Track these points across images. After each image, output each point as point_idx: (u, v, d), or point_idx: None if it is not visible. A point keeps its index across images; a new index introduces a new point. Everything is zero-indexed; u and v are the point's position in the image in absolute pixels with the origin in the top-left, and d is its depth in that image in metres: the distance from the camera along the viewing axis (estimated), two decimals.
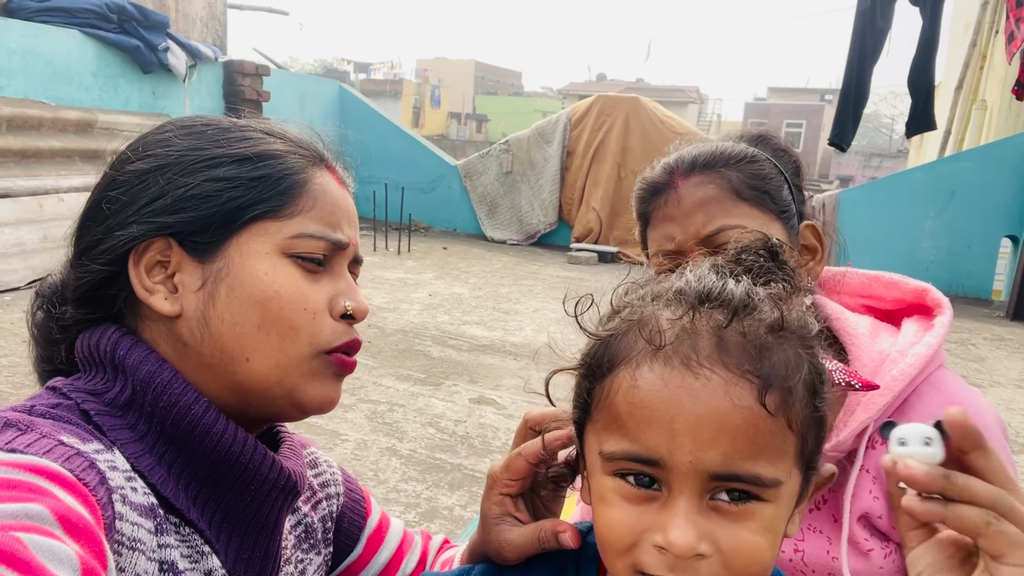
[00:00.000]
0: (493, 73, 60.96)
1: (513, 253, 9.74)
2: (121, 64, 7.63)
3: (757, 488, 0.56)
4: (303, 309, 0.73)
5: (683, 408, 0.56)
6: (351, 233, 0.79)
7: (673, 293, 0.62)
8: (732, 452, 0.55)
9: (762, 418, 0.55)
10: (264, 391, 0.72)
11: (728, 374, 0.56)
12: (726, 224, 0.97)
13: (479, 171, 10.67)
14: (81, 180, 6.89)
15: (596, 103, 10.12)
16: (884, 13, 5.04)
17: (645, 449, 0.57)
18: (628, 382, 0.59)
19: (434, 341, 5.48)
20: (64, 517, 0.48)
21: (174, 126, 0.78)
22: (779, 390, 0.56)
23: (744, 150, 1.02)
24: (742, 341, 0.57)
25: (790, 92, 51.81)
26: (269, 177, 0.74)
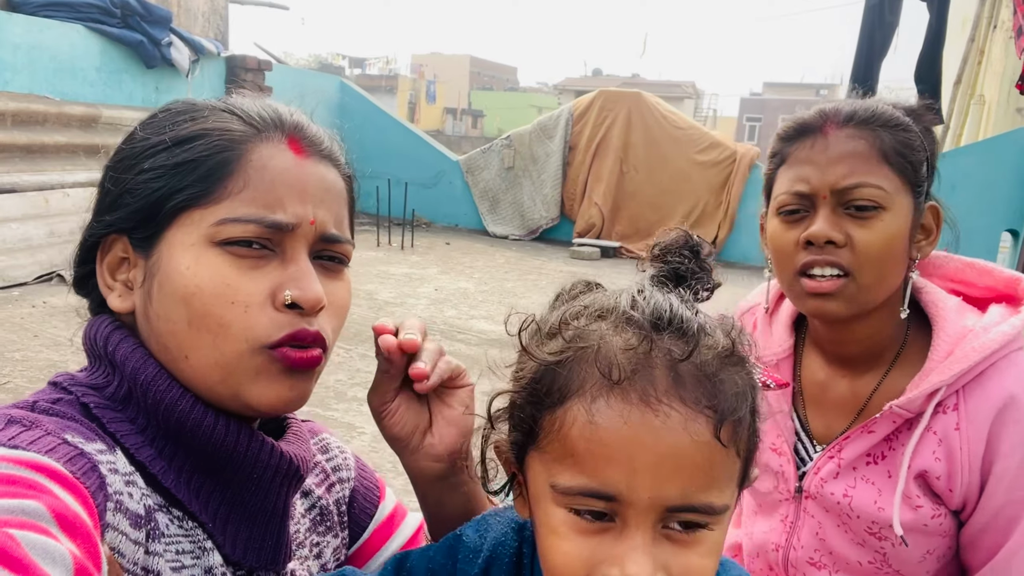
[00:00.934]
0: (488, 68, 60.87)
1: (516, 248, 9.76)
2: (124, 59, 7.61)
3: (708, 517, 0.58)
4: (230, 303, 0.66)
5: (644, 446, 0.55)
6: (302, 210, 0.69)
7: (623, 317, 0.60)
8: (690, 486, 0.56)
9: (717, 451, 0.57)
10: (209, 390, 0.69)
11: (686, 409, 0.56)
12: (866, 181, 0.98)
13: (481, 166, 10.68)
14: (86, 175, 6.88)
15: (598, 98, 10.14)
16: (892, 8, 5.08)
17: (603, 485, 0.56)
18: (584, 417, 0.58)
19: (443, 335, 5.50)
20: (61, 515, 0.48)
21: (147, 116, 0.75)
22: (731, 422, 0.58)
23: (900, 117, 1.03)
24: (697, 374, 0.57)
25: (786, 87, 51.91)
26: (190, 161, 0.68)
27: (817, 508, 1.10)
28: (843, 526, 1.07)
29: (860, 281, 0.99)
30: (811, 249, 1.01)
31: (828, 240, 0.99)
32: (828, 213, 1.00)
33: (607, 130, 9.96)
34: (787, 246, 1.04)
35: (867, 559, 1.05)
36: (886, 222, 0.98)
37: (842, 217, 1.00)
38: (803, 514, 1.12)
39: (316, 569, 0.84)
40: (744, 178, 9.57)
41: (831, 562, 1.09)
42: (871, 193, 0.98)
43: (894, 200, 0.99)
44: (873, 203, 0.98)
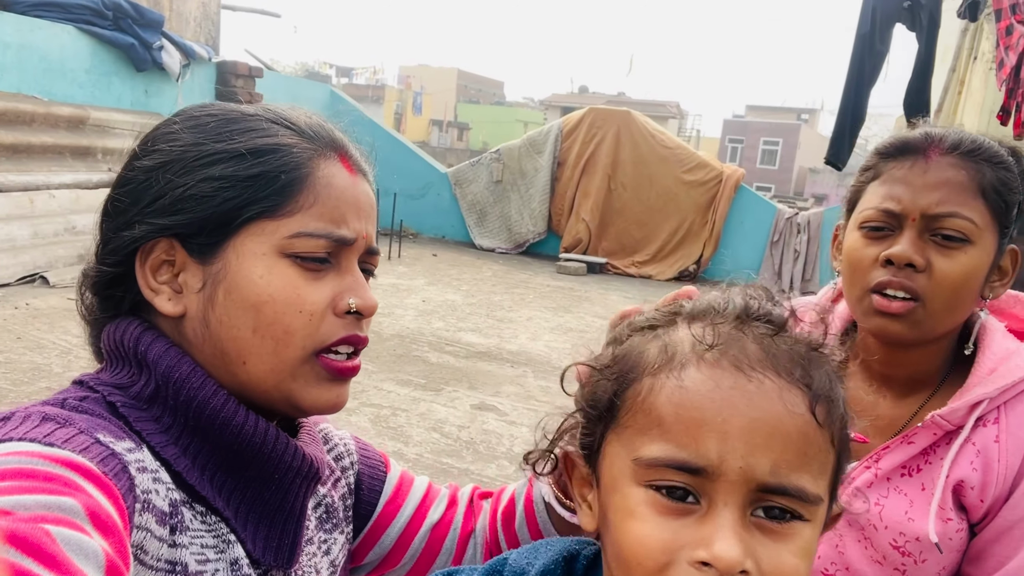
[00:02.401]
0: (475, 82, 61.11)
1: (503, 261, 9.79)
2: (115, 61, 7.56)
3: (800, 504, 0.53)
4: (298, 312, 0.70)
5: (737, 410, 0.53)
6: (359, 226, 0.74)
7: (706, 310, 0.60)
8: (782, 461, 0.52)
9: (812, 428, 0.54)
10: (263, 394, 0.72)
11: (780, 380, 0.54)
12: (959, 212, 0.97)
13: (469, 179, 10.71)
14: (72, 176, 6.81)
15: (588, 115, 10.22)
16: (883, 37, 5.19)
17: (694, 454, 0.53)
18: (674, 382, 0.55)
19: (431, 347, 5.49)
20: (94, 513, 0.49)
21: (182, 117, 0.75)
22: (826, 402, 0.55)
23: (1004, 155, 1.01)
24: (789, 351, 0.56)
25: (767, 111, 52.61)
26: (266, 175, 0.70)
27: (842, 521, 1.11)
28: (865, 541, 1.07)
29: (929, 308, 0.98)
30: (889, 268, 0.99)
31: (909, 263, 0.97)
32: (914, 236, 0.98)
33: (596, 147, 10.04)
34: (864, 261, 1.02)
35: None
36: (969, 255, 0.98)
37: (927, 243, 0.99)
38: None
39: (326, 566, 0.85)
40: (730, 199, 9.68)
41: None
42: (961, 224, 0.97)
43: (982, 235, 0.98)
44: (961, 234, 0.97)
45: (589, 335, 0.73)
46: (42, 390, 3.88)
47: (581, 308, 7.50)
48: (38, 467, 0.50)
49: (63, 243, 6.40)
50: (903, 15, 5.28)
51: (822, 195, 37.57)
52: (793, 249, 9.35)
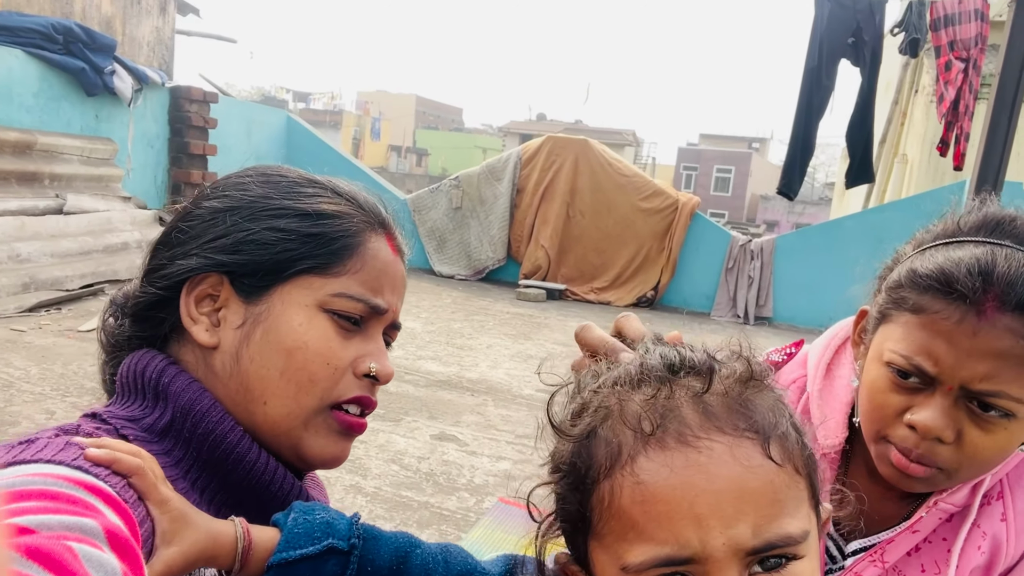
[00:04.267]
0: (434, 108, 61.39)
1: (462, 288, 9.77)
2: (64, 85, 7.40)
3: (790, 549, 0.53)
4: (326, 363, 0.75)
5: (699, 488, 0.52)
6: (393, 300, 0.81)
7: (637, 373, 0.59)
8: (760, 519, 0.52)
9: (774, 472, 0.53)
10: (274, 438, 0.75)
11: (727, 437, 0.53)
12: (1007, 393, 0.79)
13: (428, 206, 10.70)
14: (17, 203, 6.61)
15: (546, 143, 10.33)
16: (829, 72, 5.39)
17: (676, 547, 0.52)
18: (630, 480, 0.54)
19: None
20: (113, 534, 0.50)
21: (256, 172, 0.83)
22: (778, 437, 0.55)
23: None
24: (724, 401, 0.55)
25: (720, 139, 53.93)
26: (324, 235, 0.77)
27: None
28: None
29: (954, 477, 0.87)
30: (911, 432, 0.85)
31: (939, 437, 0.83)
32: (948, 405, 0.82)
33: (555, 174, 10.14)
34: (886, 408, 0.87)
35: None
36: (1010, 431, 0.82)
37: (961, 411, 0.82)
38: None
39: None
40: (685, 226, 9.85)
41: None
42: (1007, 405, 0.80)
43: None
44: (1005, 412, 0.81)
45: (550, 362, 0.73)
46: None
47: (541, 335, 7.51)
48: (62, 489, 0.52)
49: (6, 271, 6.18)
50: (847, 51, 5.49)
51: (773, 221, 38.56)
52: (747, 275, 9.53)
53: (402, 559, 0.71)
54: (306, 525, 0.68)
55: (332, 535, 0.68)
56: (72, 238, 6.93)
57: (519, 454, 4.22)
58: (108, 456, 0.60)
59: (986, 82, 6.52)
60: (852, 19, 5.26)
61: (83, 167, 7.50)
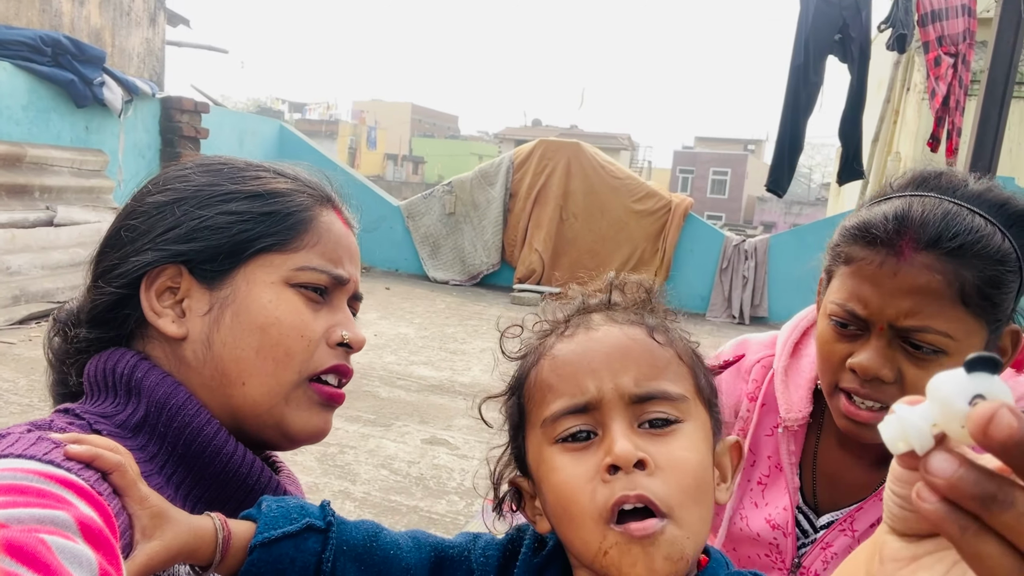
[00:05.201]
0: (430, 116, 61.48)
1: (456, 294, 9.75)
2: (53, 98, 7.39)
3: (670, 404, 0.66)
4: (300, 336, 0.76)
5: (595, 352, 0.67)
6: (352, 270, 0.83)
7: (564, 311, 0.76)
8: (640, 375, 0.66)
9: (655, 346, 0.68)
10: (256, 417, 0.76)
11: (619, 325, 0.70)
12: (932, 327, 0.84)
13: (422, 212, 10.69)
14: (7, 215, 6.59)
15: (538, 147, 10.33)
16: (816, 69, 5.38)
17: (579, 395, 0.66)
18: (548, 359, 0.70)
19: (382, 381, 5.40)
20: (86, 526, 0.50)
21: (194, 163, 0.83)
22: (662, 329, 0.70)
23: (998, 247, 0.85)
24: (625, 312, 0.72)
25: (716, 142, 54.01)
26: (278, 213, 0.78)
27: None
28: None
29: None
30: (856, 376, 0.90)
31: (879, 377, 0.88)
32: (882, 346, 0.87)
33: (547, 178, 10.14)
34: (833, 357, 0.93)
35: None
36: (946, 366, 0.80)
37: (897, 351, 0.88)
38: None
39: None
40: (679, 227, 9.84)
41: None
42: (935, 340, 0.85)
43: (960, 345, 0.85)
44: (935, 347, 0.85)
45: None
46: None
47: None
48: (33, 484, 0.52)
49: None
50: (835, 47, 5.48)
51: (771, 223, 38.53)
52: (742, 275, 9.51)
53: (372, 537, 0.74)
54: (281, 509, 0.71)
55: (308, 515, 0.72)
56: (63, 250, 6.91)
57: None
58: (89, 452, 0.60)
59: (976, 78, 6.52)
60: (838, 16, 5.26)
61: (74, 179, 7.48)
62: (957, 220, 0.85)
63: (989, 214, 0.87)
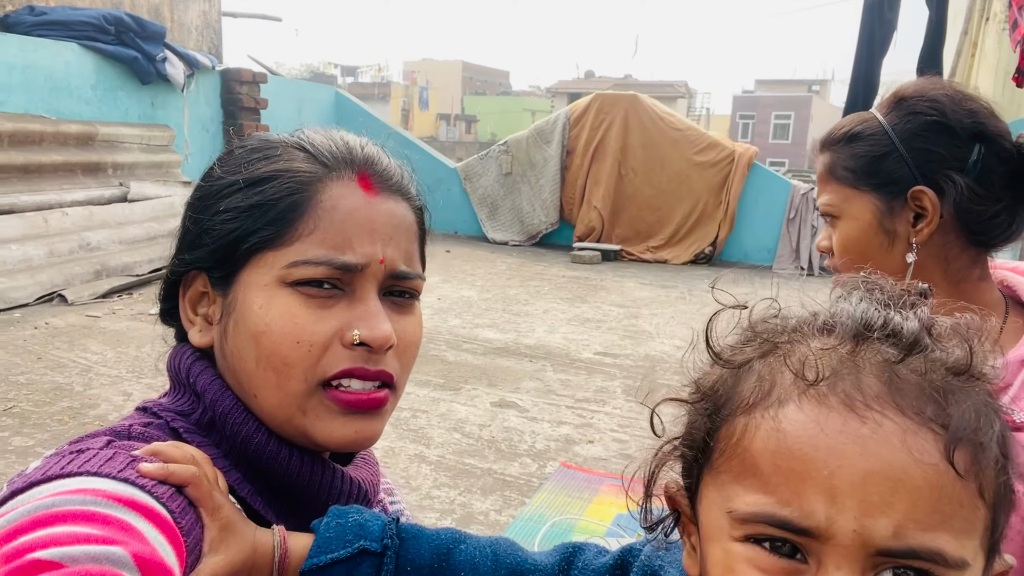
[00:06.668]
0: (481, 73, 60.94)
1: (516, 254, 9.75)
2: (119, 76, 7.59)
3: (938, 569, 0.44)
4: (295, 342, 0.67)
5: (847, 460, 0.44)
6: (372, 250, 0.70)
7: (825, 321, 0.51)
8: (909, 521, 0.43)
9: (949, 480, 0.44)
10: (280, 427, 0.70)
11: (905, 420, 0.44)
12: (822, 201, 1.16)
13: (478, 173, 10.67)
14: (84, 193, 6.86)
15: (595, 101, 10.13)
16: (892, 5, 5.07)
17: (797, 513, 0.45)
18: (770, 424, 0.47)
19: (448, 345, 5.47)
20: (145, 561, 0.50)
21: (225, 151, 0.77)
22: (970, 445, 0.45)
23: (849, 130, 1.13)
24: (919, 381, 0.46)
25: (778, 84, 52.00)
26: (263, 204, 0.69)
27: None
28: None
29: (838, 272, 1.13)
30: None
31: (822, 249, 1.19)
32: (826, 226, 1.18)
33: (604, 133, 9.96)
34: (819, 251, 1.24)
35: None
36: (839, 227, 1.14)
37: (829, 227, 1.18)
38: None
39: None
40: (743, 177, 9.56)
41: None
42: (824, 208, 1.15)
43: (843, 208, 1.12)
44: (828, 214, 1.15)
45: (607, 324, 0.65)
46: (64, 409, 3.91)
47: (597, 297, 7.45)
48: (99, 509, 0.52)
49: (78, 260, 6.44)
50: None
51: None
52: (811, 225, 9.22)
53: (444, 556, 0.68)
54: (338, 529, 0.66)
55: (364, 537, 0.66)
56: (138, 224, 7.16)
57: (579, 418, 4.21)
58: (161, 472, 0.59)
59: None
60: None
61: (143, 155, 7.71)
62: (837, 126, 1.16)
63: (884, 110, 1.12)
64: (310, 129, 0.77)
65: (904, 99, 1.09)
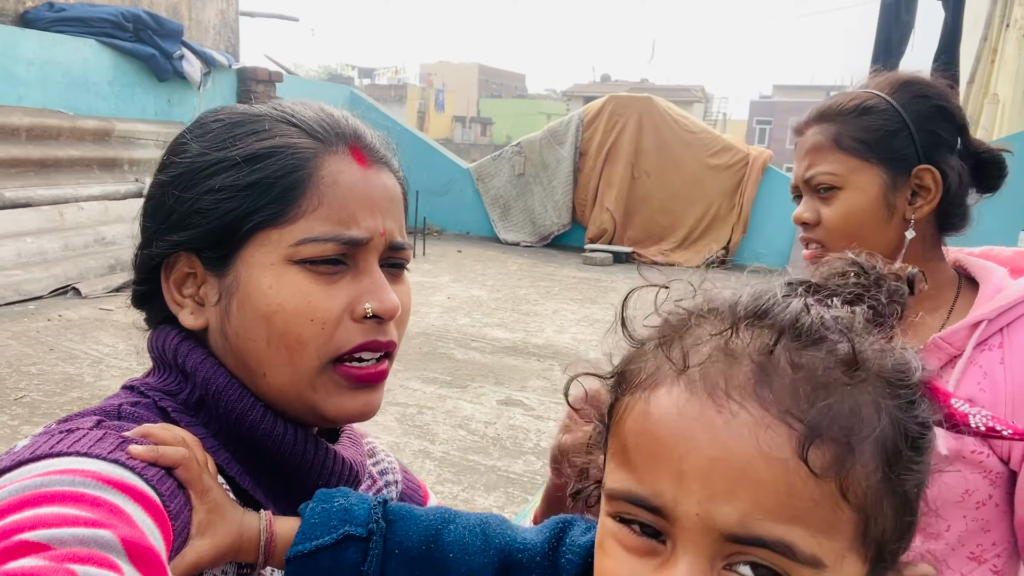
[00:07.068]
0: (497, 76, 61.03)
1: (528, 255, 9.74)
2: (137, 72, 7.67)
3: (787, 562, 0.43)
4: (310, 320, 0.67)
5: (696, 446, 0.44)
6: (374, 223, 0.70)
7: (723, 304, 0.50)
8: (755, 511, 0.43)
9: (801, 476, 0.43)
10: (288, 405, 0.70)
11: (761, 412, 0.44)
12: (820, 170, 1.14)
13: (491, 174, 10.68)
14: (100, 188, 6.93)
15: (608, 103, 10.11)
16: (908, 7, 5.04)
17: (650, 492, 0.46)
18: (642, 406, 0.48)
19: (457, 343, 5.48)
20: (133, 544, 0.49)
21: (194, 125, 0.74)
22: (833, 444, 0.43)
23: (860, 103, 1.13)
24: (793, 375, 0.45)
25: (795, 89, 51.69)
26: (263, 181, 0.68)
27: None
28: None
29: (832, 249, 1.11)
30: (801, 227, 1.19)
31: (803, 221, 1.17)
32: (807, 199, 1.17)
33: (618, 135, 9.94)
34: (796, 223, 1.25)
35: None
36: (841, 199, 1.13)
37: (814, 199, 1.16)
38: None
39: None
40: (757, 181, 9.51)
41: None
42: (824, 178, 1.14)
43: (848, 179, 1.12)
44: (828, 185, 1.14)
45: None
46: (74, 400, 3.95)
47: (607, 299, 7.43)
48: (88, 491, 0.51)
49: (93, 254, 6.51)
50: None
51: None
52: None
53: (433, 537, 0.67)
54: (323, 514, 0.66)
55: (349, 522, 0.66)
56: None
57: None
58: (151, 454, 0.59)
59: None
60: None
61: (159, 151, 7.74)
62: (829, 100, 1.16)
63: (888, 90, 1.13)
64: (287, 101, 0.75)
65: (908, 82, 1.14)
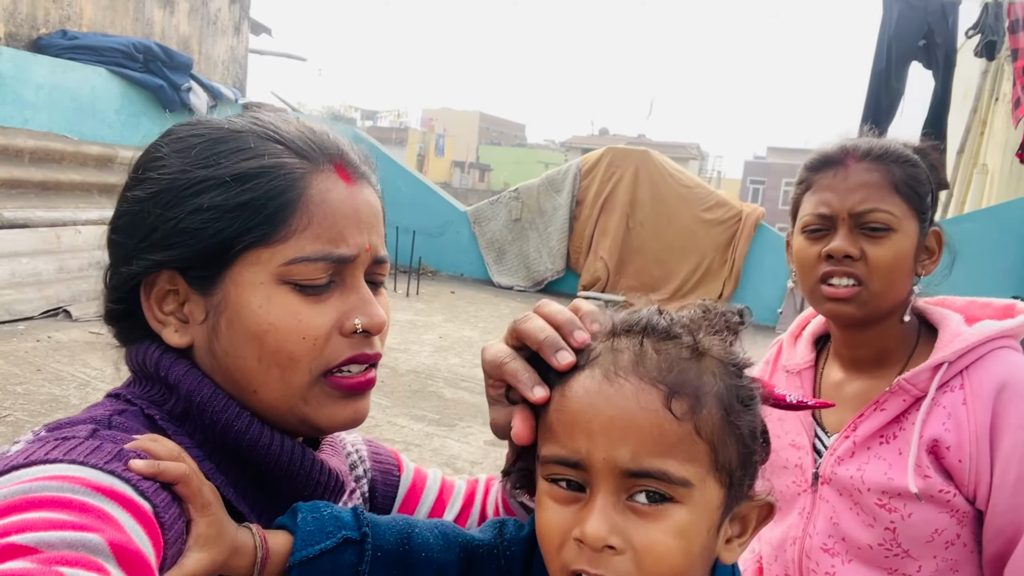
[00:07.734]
0: (497, 124, 62.01)
1: (520, 299, 9.78)
2: (144, 102, 7.79)
3: (667, 486, 0.60)
4: (301, 338, 0.68)
5: (598, 411, 0.61)
6: (360, 240, 0.71)
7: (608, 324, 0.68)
8: (640, 450, 0.59)
9: (668, 420, 0.60)
10: (279, 418, 0.71)
11: (639, 382, 0.61)
12: (878, 207, 1.15)
13: (488, 217, 10.78)
14: (99, 213, 6.96)
15: (606, 155, 10.29)
16: (899, 75, 5.21)
17: (570, 451, 0.62)
18: (559, 394, 0.65)
19: (446, 383, 5.47)
20: (120, 548, 0.49)
21: (170, 139, 0.73)
22: (686, 397, 0.61)
23: (909, 154, 1.19)
24: (658, 359, 0.63)
25: (789, 152, 52.63)
26: (254, 202, 0.68)
27: (832, 492, 1.22)
28: (855, 507, 1.18)
29: (871, 289, 1.15)
30: (831, 261, 1.17)
31: (846, 255, 1.15)
32: (846, 232, 1.16)
33: (614, 186, 10.09)
34: (810, 259, 1.21)
35: (877, 541, 1.15)
36: (894, 241, 1.15)
37: (857, 236, 1.16)
38: (819, 501, 1.23)
39: None
40: (749, 237, 9.64)
41: (844, 549, 1.19)
42: (882, 217, 1.15)
43: (902, 223, 1.15)
44: (884, 225, 1.15)
45: None
46: None
47: None
48: (77, 496, 0.52)
49: (87, 278, 6.50)
50: (919, 53, 5.29)
51: None
52: None
53: (405, 540, 0.73)
54: (316, 523, 0.70)
55: (343, 527, 0.70)
56: None
57: None
58: (151, 470, 0.59)
59: None
60: (923, 20, 5.07)
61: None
62: (879, 140, 1.20)
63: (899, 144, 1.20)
64: (264, 114, 0.76)
65: (926, 150, 1.22)
